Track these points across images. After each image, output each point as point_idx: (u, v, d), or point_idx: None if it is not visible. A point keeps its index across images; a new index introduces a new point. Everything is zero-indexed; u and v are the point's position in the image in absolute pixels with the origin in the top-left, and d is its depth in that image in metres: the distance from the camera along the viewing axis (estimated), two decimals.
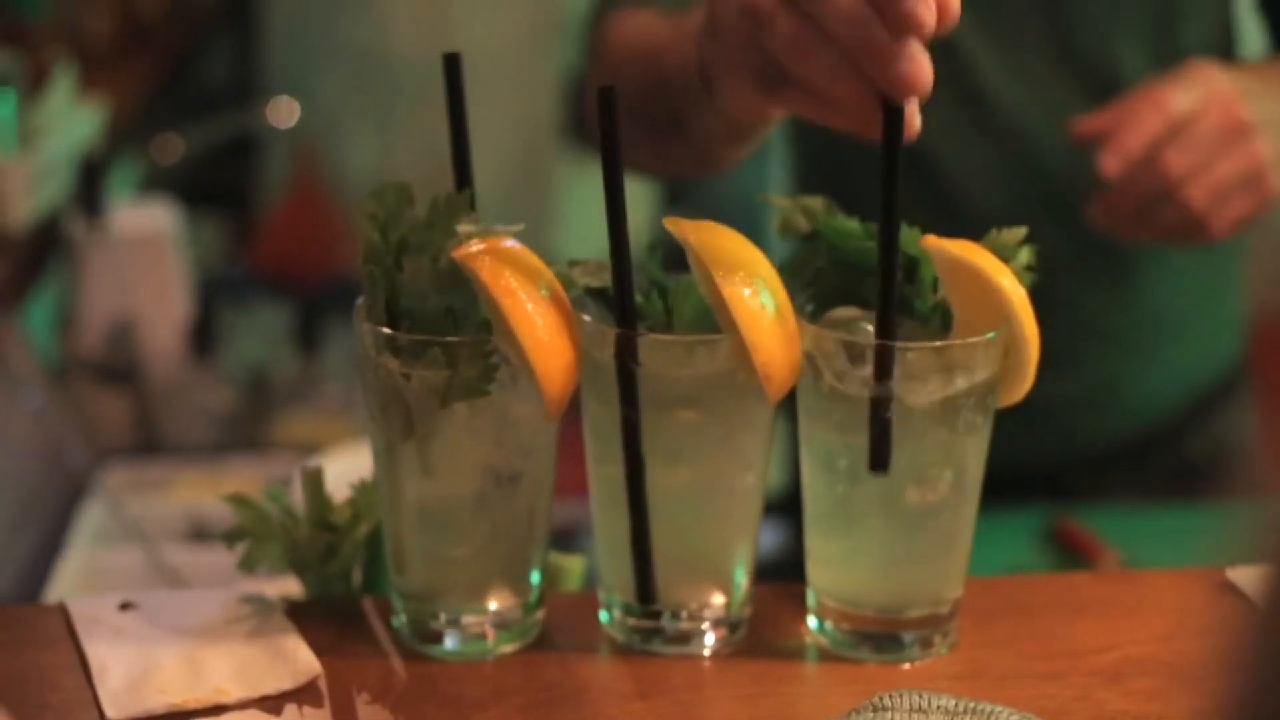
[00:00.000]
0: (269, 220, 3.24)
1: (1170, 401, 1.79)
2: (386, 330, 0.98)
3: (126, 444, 1.97)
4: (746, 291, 0.96)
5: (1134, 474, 1.79)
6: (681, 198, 3.59)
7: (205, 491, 1.82)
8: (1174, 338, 1.77)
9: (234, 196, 3.32)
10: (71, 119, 2.18)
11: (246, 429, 2.06)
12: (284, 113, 3.01)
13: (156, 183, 2.68)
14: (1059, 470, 1.78)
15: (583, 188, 3.96)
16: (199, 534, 1.75)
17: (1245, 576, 1.12)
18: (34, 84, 2.18)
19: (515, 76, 3.66)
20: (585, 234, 3.86)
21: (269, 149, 3.48)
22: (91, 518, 1.72)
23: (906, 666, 1.03)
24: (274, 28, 3.54)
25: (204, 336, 2.09)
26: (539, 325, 0.95)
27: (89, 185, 2.05)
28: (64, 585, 1.59)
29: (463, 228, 0.98)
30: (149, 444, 1.99)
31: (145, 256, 2.08)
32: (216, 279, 2.62)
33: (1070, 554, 1.77)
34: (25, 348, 1.87)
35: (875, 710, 0.89)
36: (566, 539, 1.49)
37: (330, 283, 2.72)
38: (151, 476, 1.85)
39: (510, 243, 0.98)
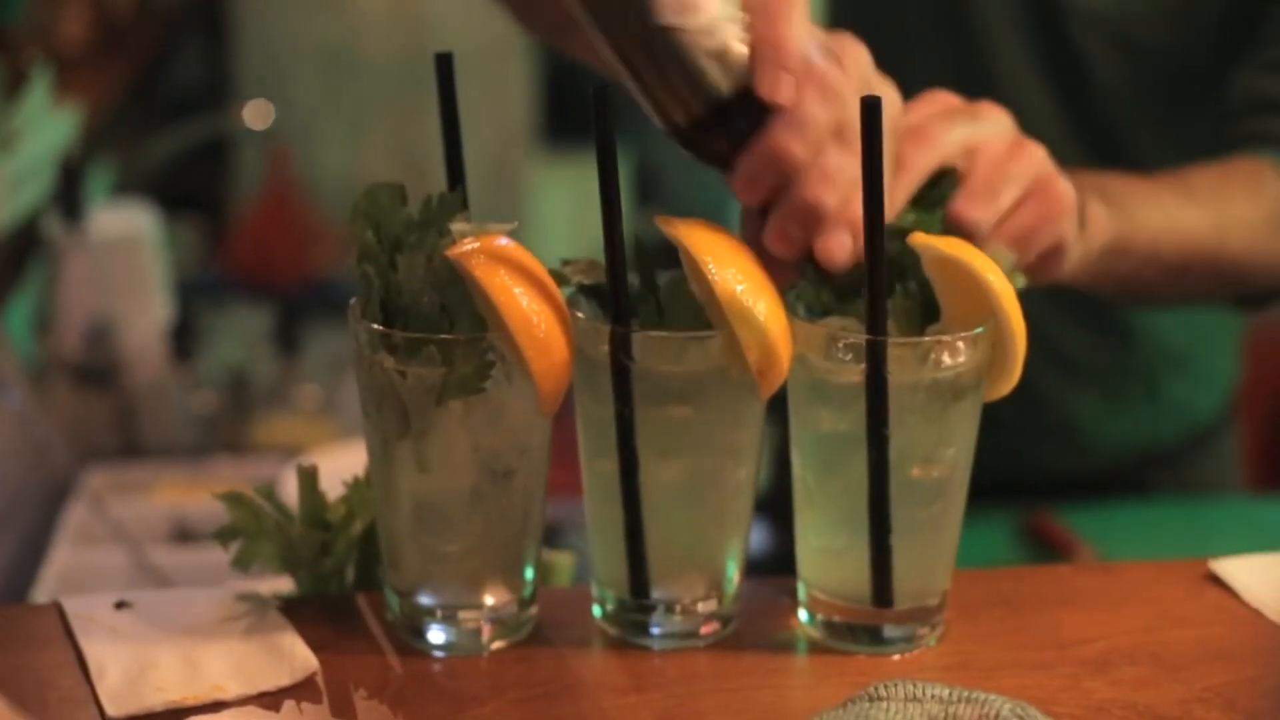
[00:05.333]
0: (243, 222, 3.25)
1: (1136, 449, 1.79)
2: (382, 328, 0.98)
3: (108, 446, 1.97)
4: (739, 289, 0.97)
5: (1103, 498, 1.80)
6: (652, 196, 3.61)
7: (187, 493, 1.83)
8: (1146, 391, 1.77)
9: (207, 199, 3.32)
10: (48, 122, 2.18)
11: (227, 431, 2.07)
12: (258, 115, 3.01)
13: (131, 185, 2.68)
14: (1028, 489, 1.79)
15: (555, 189, 3.97)
16: (182, 535, 1.75)
17: (1228, 568, 1.14)
18: (10, 87, 2.18)
19: (487, 78, 3.67)
20: (558, 235, 3.88)
21: (242, 151, 3.48)
22: (75, 519, 1.72)
23: (896, 658, 1.04)
24: (246, 30, 3.54)
25: (183, 339, 2.09)
26: (534, 323, 0.96)
27: (68, 188, 2.05)
28: (49, 586, 1.59)
29: (456, 226, 0.99)
30: (130, 446, 1.99)
31: (124, 259, 2.08)
32: (192, 281, 2.63)
33: (1046, 550, 1.79)
34: (6, 349, 1.87)
35: (871, 700, 0.91)
36: (555, 536, 1.50)
37: (307, 284, 2.73)
38: (133, 478, 1.85)
39: (504, 241, 0.99)
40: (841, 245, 1.02)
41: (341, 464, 1.18)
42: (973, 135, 1.10)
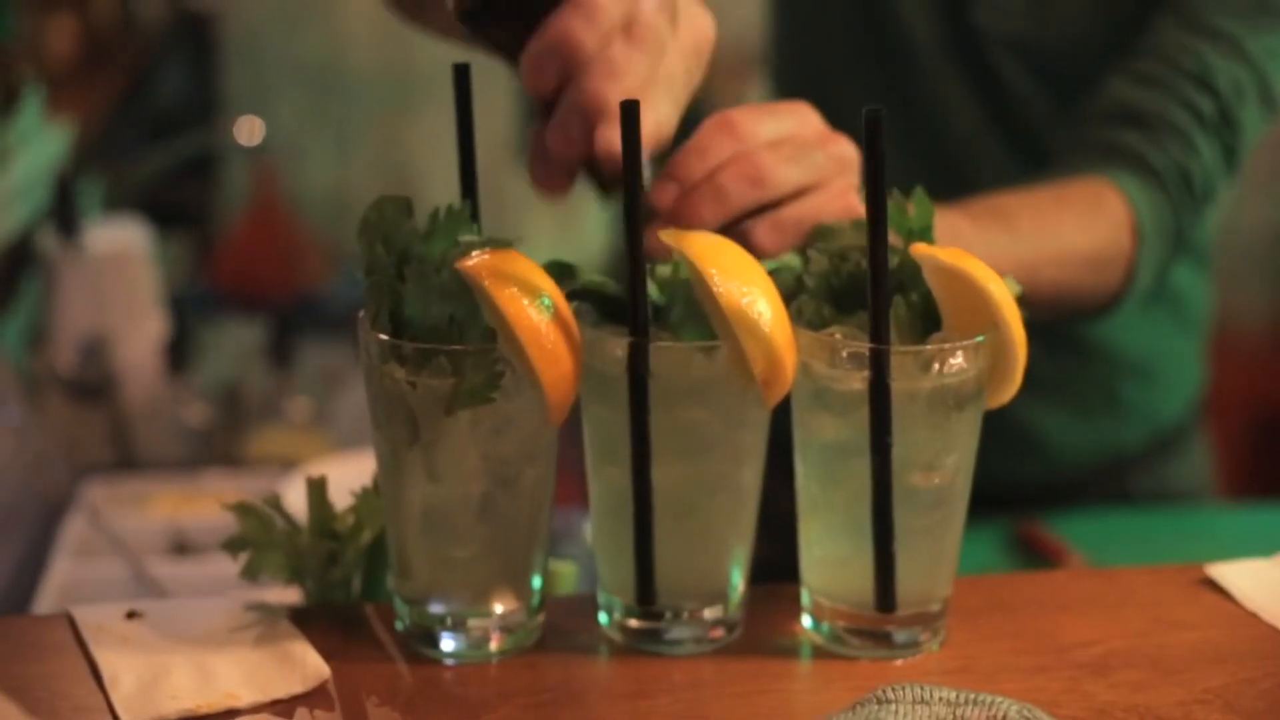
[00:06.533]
0: (231, 237, 3.26)
1: (1102, 456, 1.80)
2: (393, 339, 0.99)
3: (103, 459, 1.98)
4: (744, 300, 0.98)
5: (1075, 503, 1.82)
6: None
7: (184, 506, 1.84)
8: (1106, 399, 1.78)
9: (196, 214, 3.33)
10: (41, 138, 2.20)
11: (221, 444, 2.08)
12: (248, 131, 3.03)
13: (120, 201, 2.69)
14: (1003, 500, 1.80)
15: (537, 205, 3.99)
16: (179, 547, 1.76)
17: (1225, 572, 1.15)
18: (3, 104, 2.19)
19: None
20: (539, 251, 3.88)
21: (230, 167, 3.49)
22: (73, 532, 1.73)
23: (899, 663, 1.05)
24: (234, 46, 3.56)
25: (177, 353, 2.10)
26: (543, 333, 0.97)
27: (63, 204, 2.06)
28: (50, 599, 1.60)
29: (464, 238, 1.00)
30: (125, 459, 2.00)
31: (119, 274, 2.10)
32: (183, 296, 2.64)
33: (1036, 558, 1.80)
34: (1, 364, 1.88)
35: (879, 703, 0.92)
36: (554, 544, 1.51)
37: (298, 298, 2.75)
38: (130, 491, 1.86)
39: (512, 253, 1.00)
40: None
41: (336, 475, 1.19)
42: (778, 130, 1.10)
